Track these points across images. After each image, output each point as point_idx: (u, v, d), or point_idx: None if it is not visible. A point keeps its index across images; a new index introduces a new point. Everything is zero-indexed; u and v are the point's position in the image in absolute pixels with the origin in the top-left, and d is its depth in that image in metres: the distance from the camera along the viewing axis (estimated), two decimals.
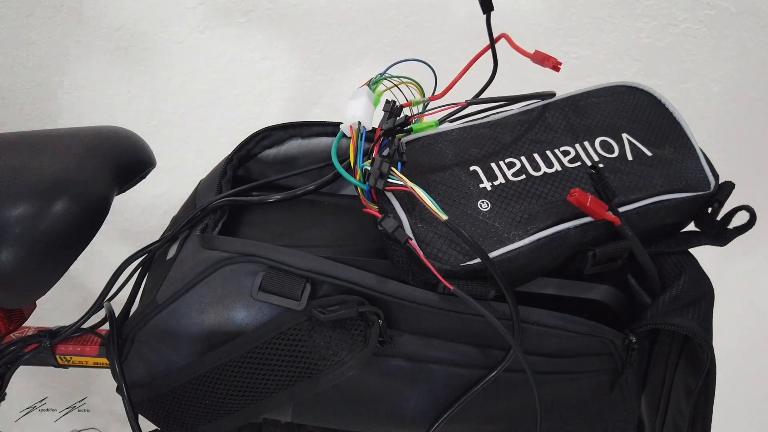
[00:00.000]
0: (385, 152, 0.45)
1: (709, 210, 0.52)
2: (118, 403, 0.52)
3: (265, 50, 1.04)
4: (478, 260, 0.44)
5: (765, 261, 1.18)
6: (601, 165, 0.49)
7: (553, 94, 0.55)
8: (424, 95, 0.52)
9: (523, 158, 0.49)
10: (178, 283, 0.49)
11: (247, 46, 1.03)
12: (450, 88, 0.50)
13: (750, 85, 1.03)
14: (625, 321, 0.50)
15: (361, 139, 0.46)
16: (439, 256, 0.44)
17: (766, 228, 0.65)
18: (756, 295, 1.23)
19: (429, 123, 0.50)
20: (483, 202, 0.47)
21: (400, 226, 0.44)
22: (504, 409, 0.51)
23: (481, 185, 0.48)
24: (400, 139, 0.46)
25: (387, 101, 0.48)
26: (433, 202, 0.43)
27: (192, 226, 0.55)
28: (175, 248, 0.54)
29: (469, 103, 0.51)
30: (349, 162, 0.46)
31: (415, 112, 0.51)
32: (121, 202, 0.61)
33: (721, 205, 0.52)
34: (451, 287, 0.43)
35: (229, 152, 0.60)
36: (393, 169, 0.44)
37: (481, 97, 0.53)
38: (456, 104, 0.50)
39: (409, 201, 0.46)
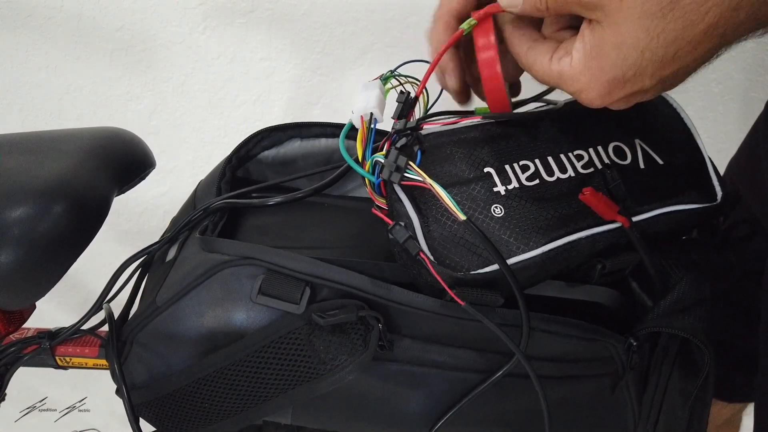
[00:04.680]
0: (399, 144, 0.44)
1: (714, 221, 0.52)
2: (118, 404, 0.52)
3: (265, 50, 1.03)
4: (490, 268, 0.43)
5: None
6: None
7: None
8: (427, 97, 0.51)
9: (537, 161, 0.48)
10: (177, 285, 0.49)
11: (247, 46, 1.03)
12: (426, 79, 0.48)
13: (750, 85, 1.02)
14: (626, 324, 0.50)
15: (371, 131, 0.44)
16: (449, 262, 0.43)
17: None
18: None
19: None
20: (497, 207, 0.45)
21: (412, 236, 0.43)
22: (504, 414, 0.51)
23: (495, 189, 0.46)
24: (420, 124, 0.45)
25: (401, 92, 0.46)
26: (453, 200, 0.42)
27: (191, 228, 0.55)
28: (175, 250, 0.54)
29: (483, 117, 0.49)
30: (357, 157, 0.45)
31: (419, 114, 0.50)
32: (120, 203, 0.61)
33: (726, 216, 0.51)
34: (462, 303, 0.43)
35: (229, 153, 0.60)
36: (411, 163, 0.42)
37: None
38: (467, 111, 0.49)
39: (420, 197, 0.44)
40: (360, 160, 0.45)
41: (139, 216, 1.19)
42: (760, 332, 0.61)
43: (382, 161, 0.42)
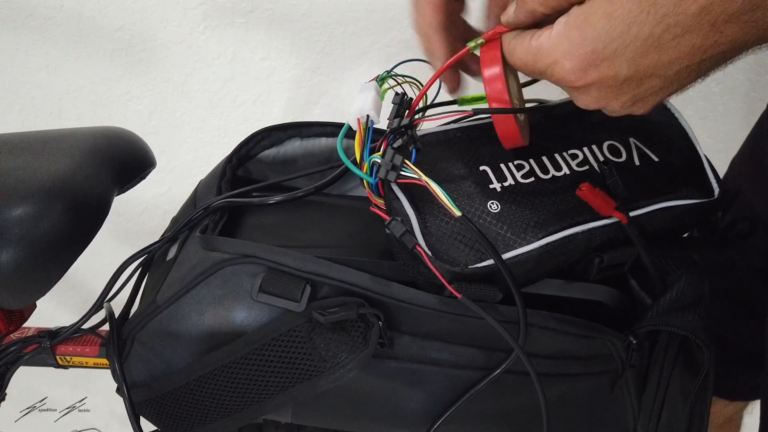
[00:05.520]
0: (396, 144, 0.44)
1: (712, 218, 0.52)
2: (118, 404, 0.52)
3: (265, 50, 1.04)
4: (487, 263, 0.43)
5: None
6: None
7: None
8: (426, 97, 0.51)
9: (531, 160, 0.48)
10: (178, 283, 0.49)
11: (247, 46, 1.03)
12: (426, 90, 0.48)
13: (750, 85, 1.02)
14: (626, 322, 0.50)
15: (368, 133, 0.45)
16: (447, 257, 0.44)
17: None
18: None
19: (479, 95, 0.49)
20: (493, 203, 0.46)
21: (408, 230, 0.43)
22: (504, 411, 0.51)
23: (491, 186, 0.47)
24: (414, 128, 0.45)
25: (396, 94, 0.47)
26: (447, 197, 0.42)
27: (192, 227, 0.55)
28: (175, 249, 0.54)
29: (475, 112, 0.50)
30: (355, 158, 0.45)
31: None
32: (121, 202, 0.61)
33: (725, 213, 0.52)
34: (458, 295, 0.43)
35: (229, 153, 0.60)
36: (406, 161, 0.43)
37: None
38: (463, 111, 0.49)
39: (418, 195, 0.45)
40: (358, 161, 0.45)
41: (139, 216, 1.19)
42: (767, 330, 0.61)
43: (379, 161, 0.43)
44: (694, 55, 0.36)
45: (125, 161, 0.59)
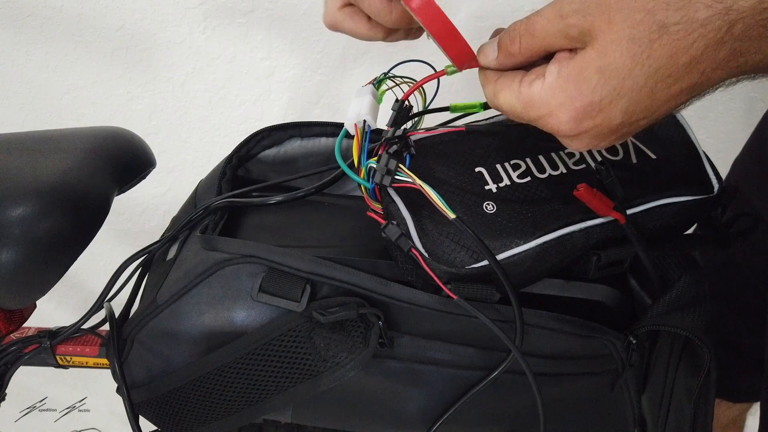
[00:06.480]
0: (391, 149, 0.44)
1: (712, 214, 0.52)
2: (118, 404, 0.52)
3: (265, 50, 1.04)
4: (483, 263, 0.44)
5: None
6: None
7: None
8: (425, 97, 0.51)
9: (528, 160, 0.49)
10: (178, 283, 0.49)
11: (247, 46, 1.03)
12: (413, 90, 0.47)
13: (750, 85, 1.02)
14: (625, 322, 0.50)
15: (365, 138, 0.45)
16: (443, 258, 0.44)
17: None
18: None
19: (471, 104, 0.49)
20: (488, 204, 0.46)
21: (404, 233, 0.44)
22: (504, 411, 0.51)
23: (486, 187, 0.47)
24: (407, 133, 0.45)
25: (396, 100, 0.47)
26: (441, 199, 0.42)
27: (192, 227, 0.55)
28: (176, 249, 0.54)
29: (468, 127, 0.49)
30: (353, 161, 0.45)
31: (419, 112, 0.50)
32: (121, 202, 0.61)
33: (725, 209, 0.52)
34: (454, 297, 0.43)
35: (229, 152, 0.60)
36: (401, 165, 0.43)
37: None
38: (457, 128, 0.50)
39: (415, 199, 0.45)
40: (355, 166, 0.45)
41: (139, 216, 1.19)
42: (767, 331, 0.61)
43: (375, 166, 0.43)
44: (681, 97, 0.37)
45: (125, 161, 0.59)
